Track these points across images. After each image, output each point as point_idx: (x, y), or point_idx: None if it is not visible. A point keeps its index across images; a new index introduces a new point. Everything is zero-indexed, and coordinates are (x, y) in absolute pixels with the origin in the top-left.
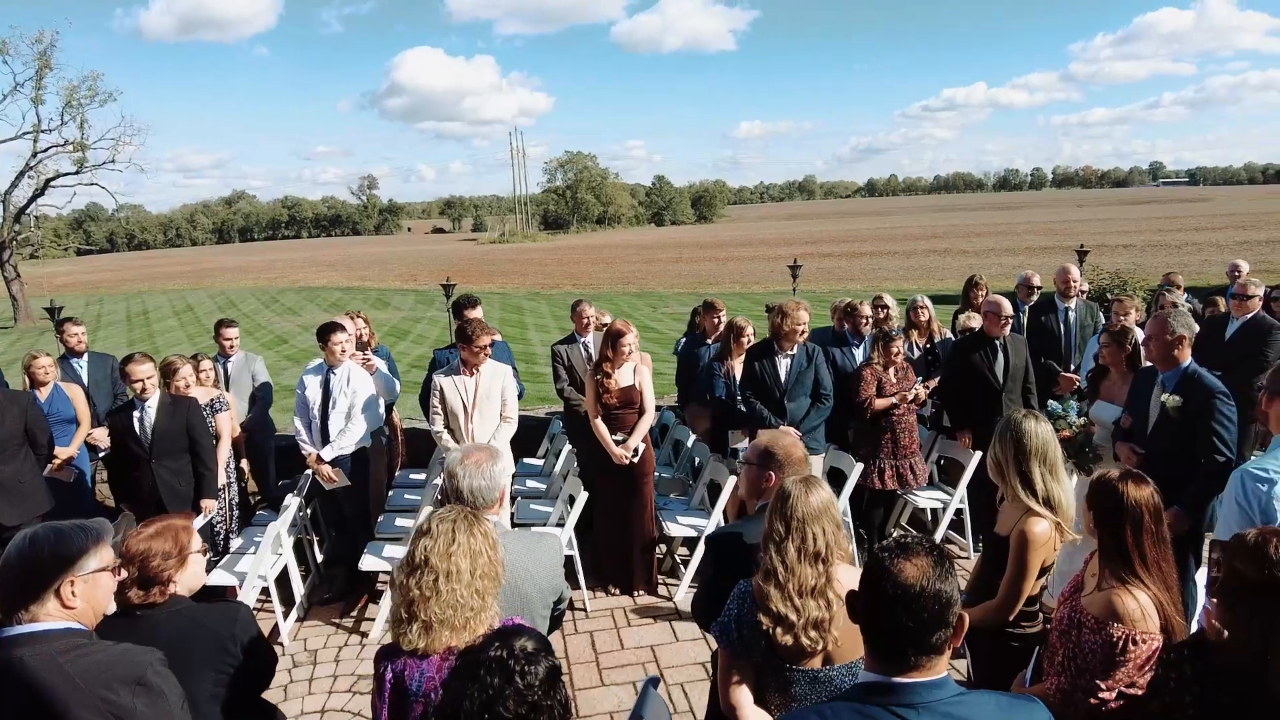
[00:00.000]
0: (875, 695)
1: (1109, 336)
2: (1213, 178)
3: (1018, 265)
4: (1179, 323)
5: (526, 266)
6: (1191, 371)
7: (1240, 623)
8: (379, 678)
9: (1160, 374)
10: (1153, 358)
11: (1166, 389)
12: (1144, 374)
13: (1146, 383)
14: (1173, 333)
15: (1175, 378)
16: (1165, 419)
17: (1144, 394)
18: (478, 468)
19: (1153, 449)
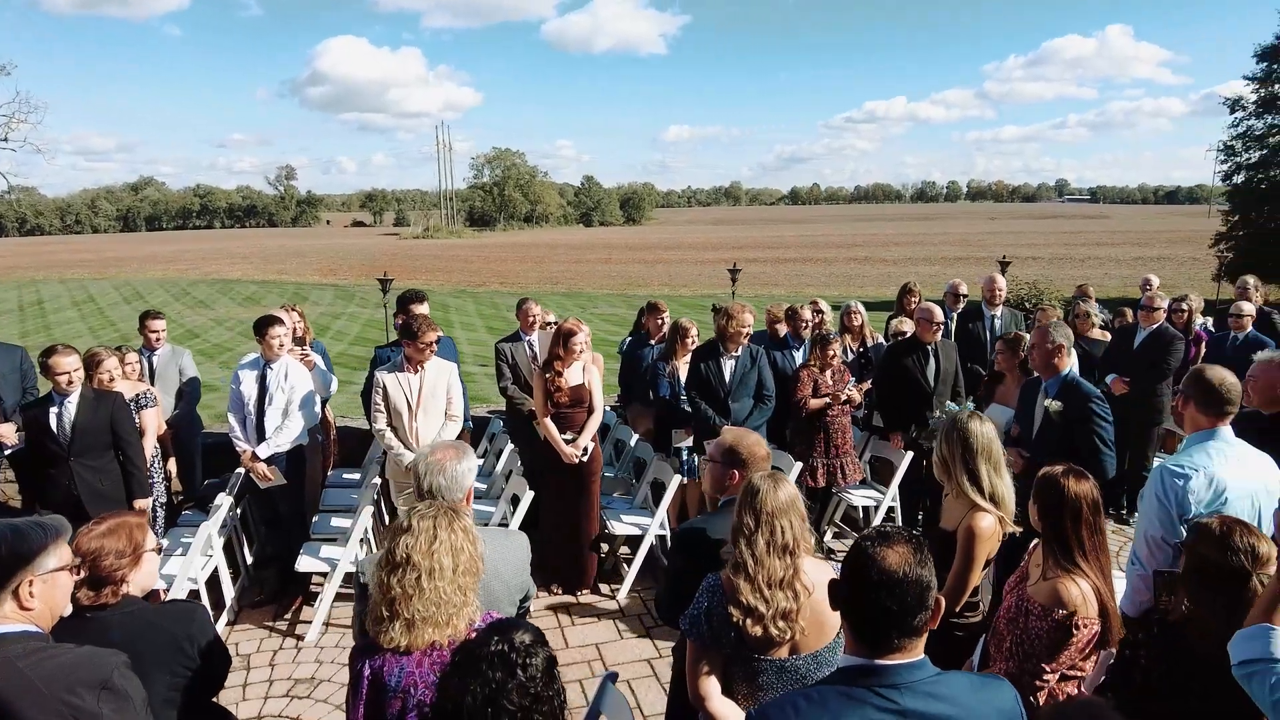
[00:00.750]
0: (860, 678)
1: (1004, 344)
2: (1112, 196)
3: (934, 274)
4: (1058, 333)
5: (452, 263)
6: (1070, 379)
7: (1204, 606)
8: (356, 675)
9: (1043, 381)
10: (1035, 365)
11: (1049, 395)
12: (1031, 383)
13: (1033, 390)
14: (1053, 342)
15: (1056, 384)
16: (1048, 423)
17: (1030, 401)
18: (440, 465)
19: (1037, 452)
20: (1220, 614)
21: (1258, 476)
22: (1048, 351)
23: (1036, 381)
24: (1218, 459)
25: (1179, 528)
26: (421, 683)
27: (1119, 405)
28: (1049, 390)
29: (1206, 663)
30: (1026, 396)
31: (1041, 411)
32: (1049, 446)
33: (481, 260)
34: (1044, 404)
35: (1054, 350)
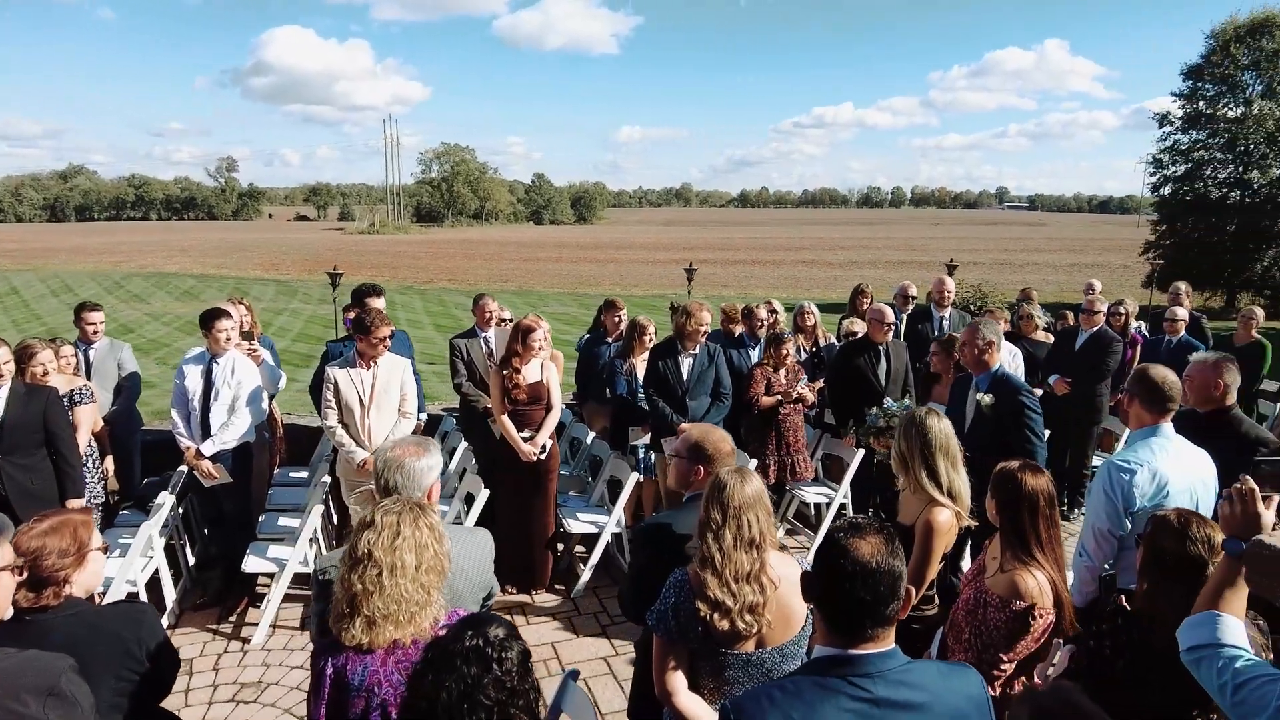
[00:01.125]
0: (834, 668)
1: (938, 345)
2: (1049, 204)
3: (879, 278)
4: (988, 330)
5: (399, 259)
6: (1001, 374)
7: (1163, 596)
8: (318, 674)
9: (975, 377)
10: (967, 363)
11: (980, 390)
12: (962, 379)
13: (964, 386)
14: (984, 339)
15: (987, 380)
16: (980, 417)
17: (962, 396)
18: (398, 462)
19: (970, 446)
20: (1179, 603)
21: (1195, 471)
22: (979, 349)
23: (967, 378)
24: (1160, 454)
25: (1124, 520)
26: (386, 682)
27: (1060, 405)
28: (980, 385)
29: (1165, 654)
30: (957, 392)
31: (973, 406)
32: (981, 441)
33: (429, 257)
34: (976, 399)
35: (985, 347)
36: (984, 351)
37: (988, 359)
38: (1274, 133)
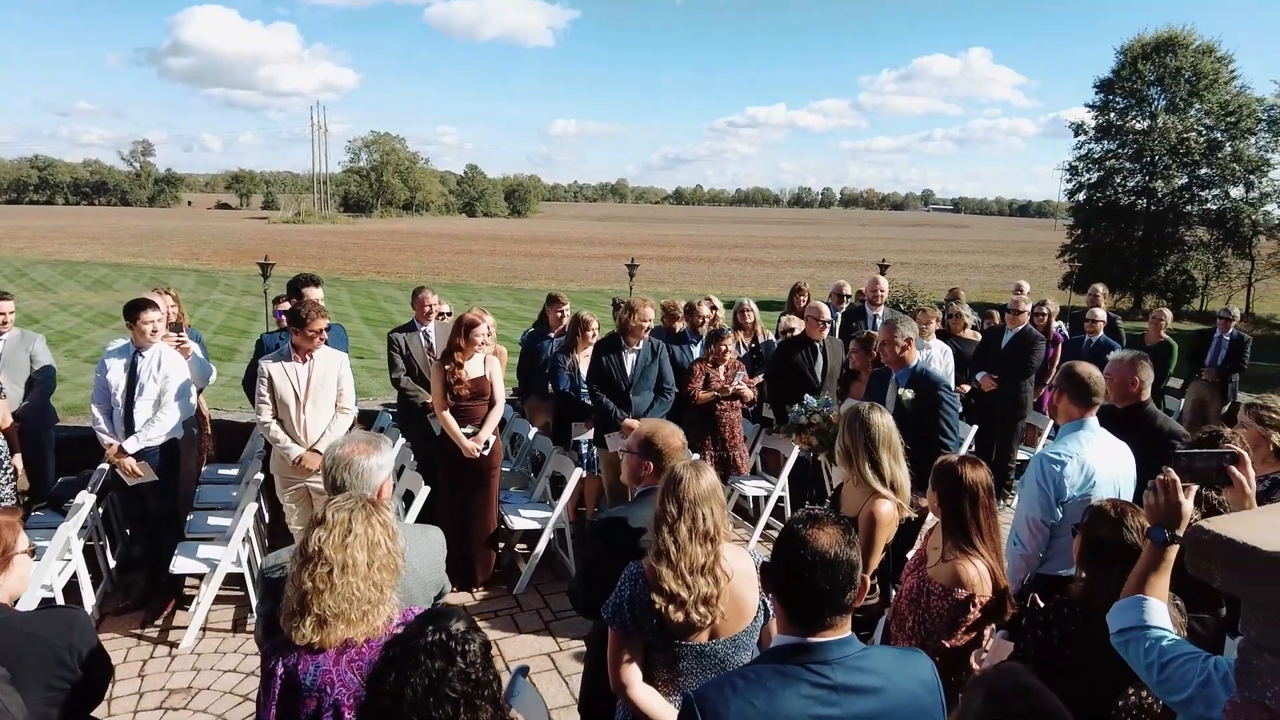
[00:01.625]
0: (794, 655)
1: (857, 343)
2: (972, 208)
3: (810, 276)
4: (905, 328)
5: (326, 250)
6: (920, 369)
7: (1101, 584)
8: (268, 674)
9: (894, 373)
10: (887, 361)
11: (900, 385)
12: (879, 374)
13: (882, 381)
14: (903, 337)
15: (906, 375)
16: (901, 411)
17: (881, 390)
18: (346, 460)
19: None
20: (1115, 590)
21: (1118, 463)
22: (899, 346)
23: (885, 373)
24: (1088, 446)
25: (1056, 510)
26: (338, 681)
27: (987, 400)
28: (900, 381)
29: (1103, 640)
30: (875, 387)
31: (893, 401)
32: (901, 432)
33: (357, 248)
34: (897, 394)
35: (904, 345)
36: (903, 349)
37: (906, 356)
38: (1175, 146)
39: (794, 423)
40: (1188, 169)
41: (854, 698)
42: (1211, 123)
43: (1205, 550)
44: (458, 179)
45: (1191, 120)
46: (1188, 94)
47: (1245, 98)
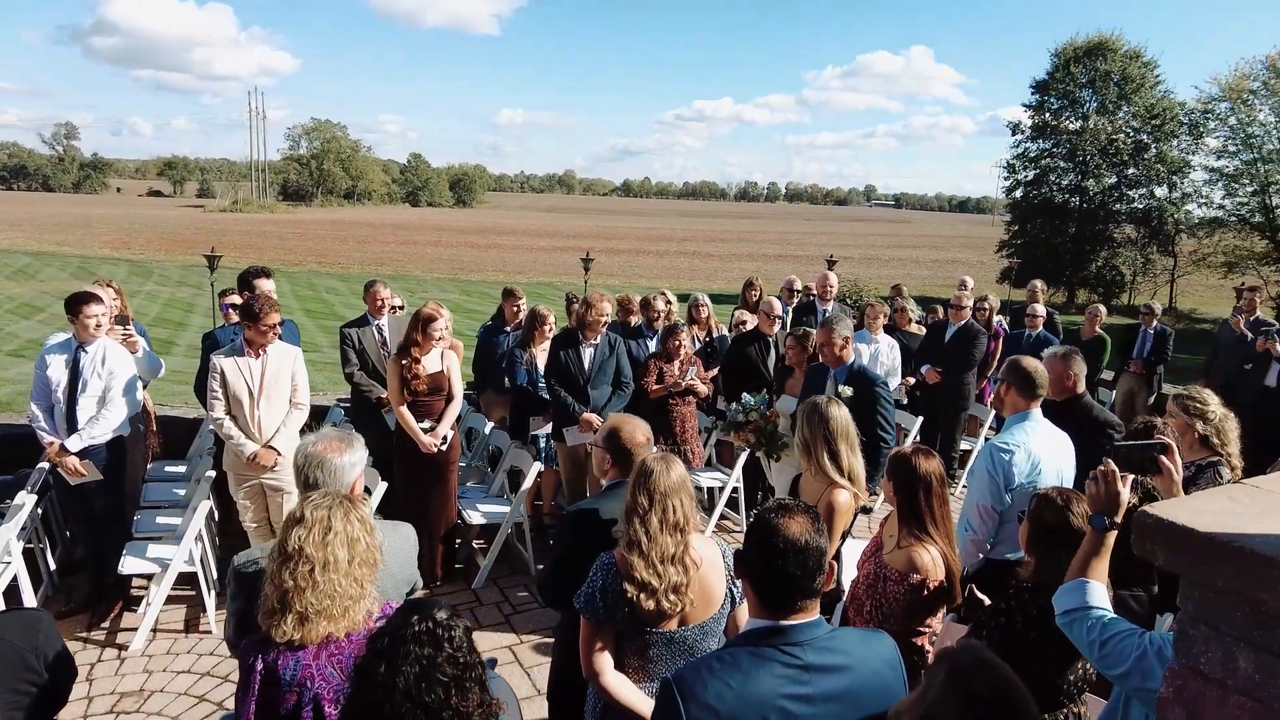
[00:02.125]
0: (767, 638)
1: (793, 339)
2: (913, 203)
3: (756, 270)
4: (842, 327)
5: (265, 240)
6: (858, 367)
7: (1049, 568)
8: (247, 669)
9: (831, 370)
10: (826, 359)
11: (839, 382)
12: (815, 370)
13: (819, 377)
14: (841, 336)
15: (845, 372)
16: None
17: (819, 386)
18: (319, 458)
19: None
20: (1062, 572)
21: (1061, 452)
22: (837, 345)
23: (822, 369)
24: (1033, 436)
25: (1005, 496)
26: (319, 676)
27: (931, 392)
28: (839, 378)
29: (1050, 625)
30: (813, 384)
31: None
32: None
33: (298, 238)
34: (836, 391)
35: (843, 343)
36: (842, 348)
37: (844, 354)
38: (1106, 146)
39: (732, 420)
40: (1117, 169)
41: (824, 676)
42: (1138, 125)
43: (1149, 533)
44: (401, 168)
45: (1120, 122)
46: (1117, 97)
47: (1168, 102)
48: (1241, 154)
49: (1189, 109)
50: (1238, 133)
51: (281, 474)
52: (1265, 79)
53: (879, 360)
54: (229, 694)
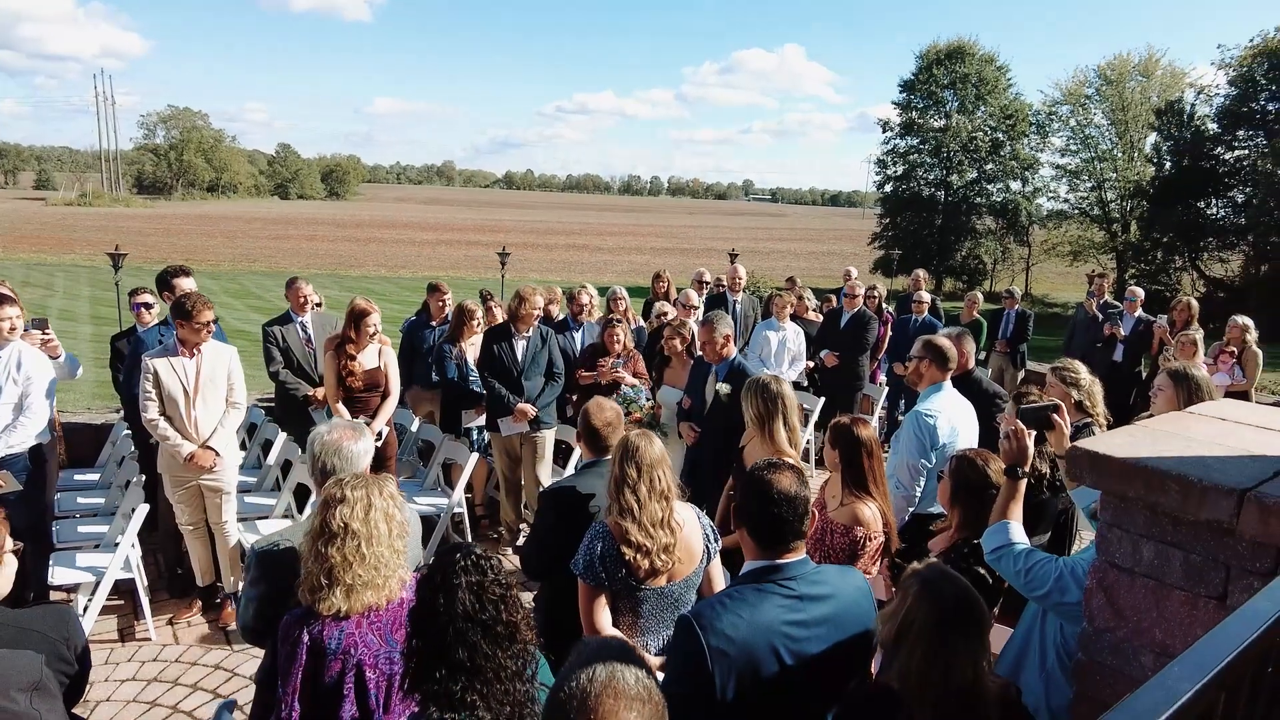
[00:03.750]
0: (766, 575)
1: (671, 330)
2: (789, 197)
3: (644, 263)
4: (723, 325)
5: (122, 236)
6: (737, 363)
7: (971, 523)
8: (294, 642)
9: (713, 366)
10: (708, 356)
11: (719, 378)
12: (697, 366)
13: (701, 372)
14: (722, 334)
15: (725, 369)
16: (718, 402)
17: (700, 382)
18: (336, 446)
19: (707, 426)
20: (983, 520)
21: (968, 416)
22: (718, 342)
23: (704, 364)
24: (947, 403)
25: (931, 454)
26: (361, 643)
27: (830, 375)
28: (719, 374)
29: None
30: (696, 377)
31: (712, 393)
32: (716, 422)
33: (160, 233)
34: (715, 387)
35: (724, 341)
36: (722, 345)
37: (724, 351)
38: (967, 143)
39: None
40: (977, 164)
41: (815, 604)
42: (994, 124)
43: (1079, 462)
44: (269, 159)
45: (979, 121)
46: (975, 98)
47: (1019, 104)
48: (1081, 153)
49: (1036, 110)
50: (1077, 133)
51: (221, 474)
52: (1097, 86)
53: (786, 346)
54: (183, 697)
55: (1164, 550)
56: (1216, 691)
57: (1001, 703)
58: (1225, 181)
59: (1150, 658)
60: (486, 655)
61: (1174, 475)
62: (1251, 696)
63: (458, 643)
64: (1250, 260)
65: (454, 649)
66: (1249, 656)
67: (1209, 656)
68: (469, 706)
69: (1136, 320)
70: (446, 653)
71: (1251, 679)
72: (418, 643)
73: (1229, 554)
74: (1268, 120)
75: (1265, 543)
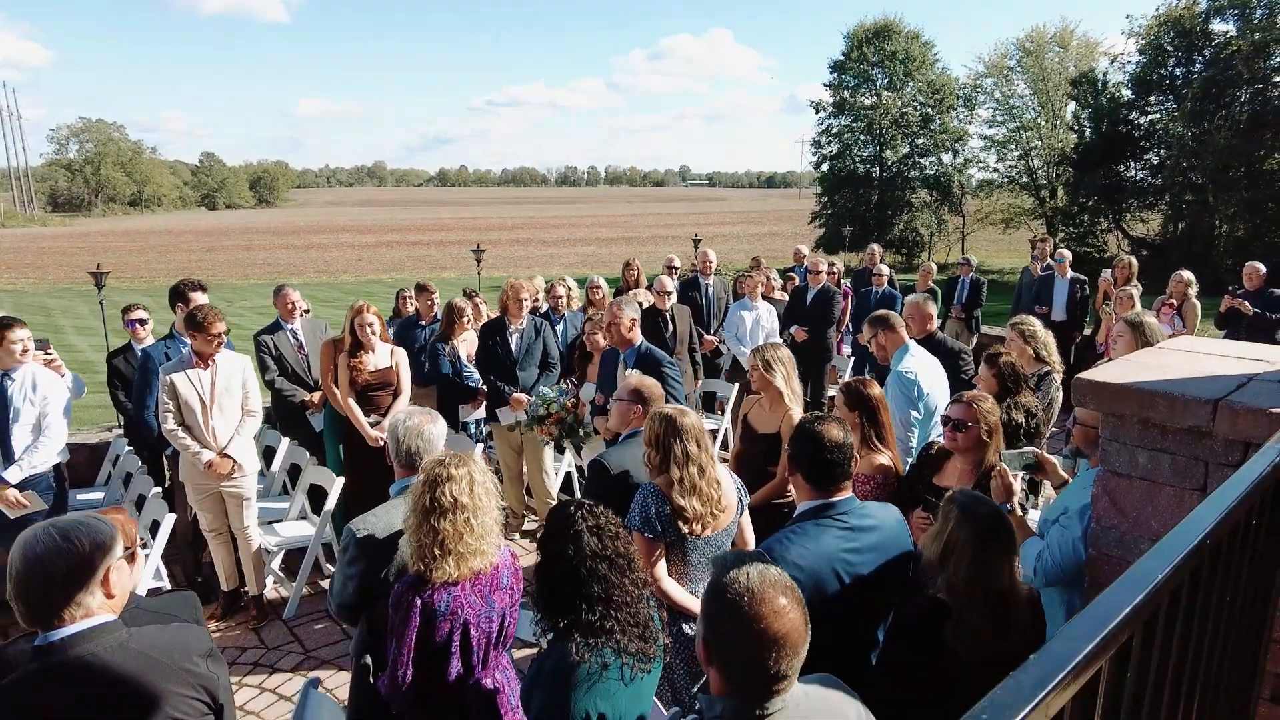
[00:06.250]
0: (822, 512)
1: (593, 324)
2: (725, 181)
3: (590, 255)
4: (630, 309)
5: (43, 256)
6: (644, 349)
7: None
8: (407, 606)
9: (621, 353)
10: (614, 342)
11: (629, 365)
12: (608, 354)
13: (611, 362)
14: (629, 319)
15: (633, 355)
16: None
17: (611, 369)
18: (418, 430)
19: None
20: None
21: (938, 371)
22: (624, 327)
23: (614, 351)
24: (920, 361)
25: (919, 405)
26: (467, 605)
27: (800, 349)
28: (628, 361)
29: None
30: (606, 367)
31: (623, 378)
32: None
33: (84, 252)
34: (626, 375)
35: (630, 326)
36: (629, 329)
37: (631, 336)
38: (898, 119)
39: (533, 415)
40: (909, 139)
41: (865, 534)
42: (923, 99)
43: (1082, 389)
44: (192, 169)
45: (908, 97)
46: (903, 74)
47: (946, 78)
48: (1007, 123)
49: (962, 84)
50: (1002, 104)
51: (241, 480)
52: (1018, 58)
53: (760, 324)
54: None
55: (1155, 455)
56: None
57: (1030, 602)
58: (1141, 145)
59: (1148, 544)
60: (615, 585)
61: (1161, 393)
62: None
63: (591, 578)
64: (1168, 219)
65: (589, 584)
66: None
67: (1183, 537)
68: (607, 631)
69: (1071, 280)
70: (583, 588)
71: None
72: (550, 589)
73: (1207, 452)
74: (1176, 85)
75: (1235, 439)
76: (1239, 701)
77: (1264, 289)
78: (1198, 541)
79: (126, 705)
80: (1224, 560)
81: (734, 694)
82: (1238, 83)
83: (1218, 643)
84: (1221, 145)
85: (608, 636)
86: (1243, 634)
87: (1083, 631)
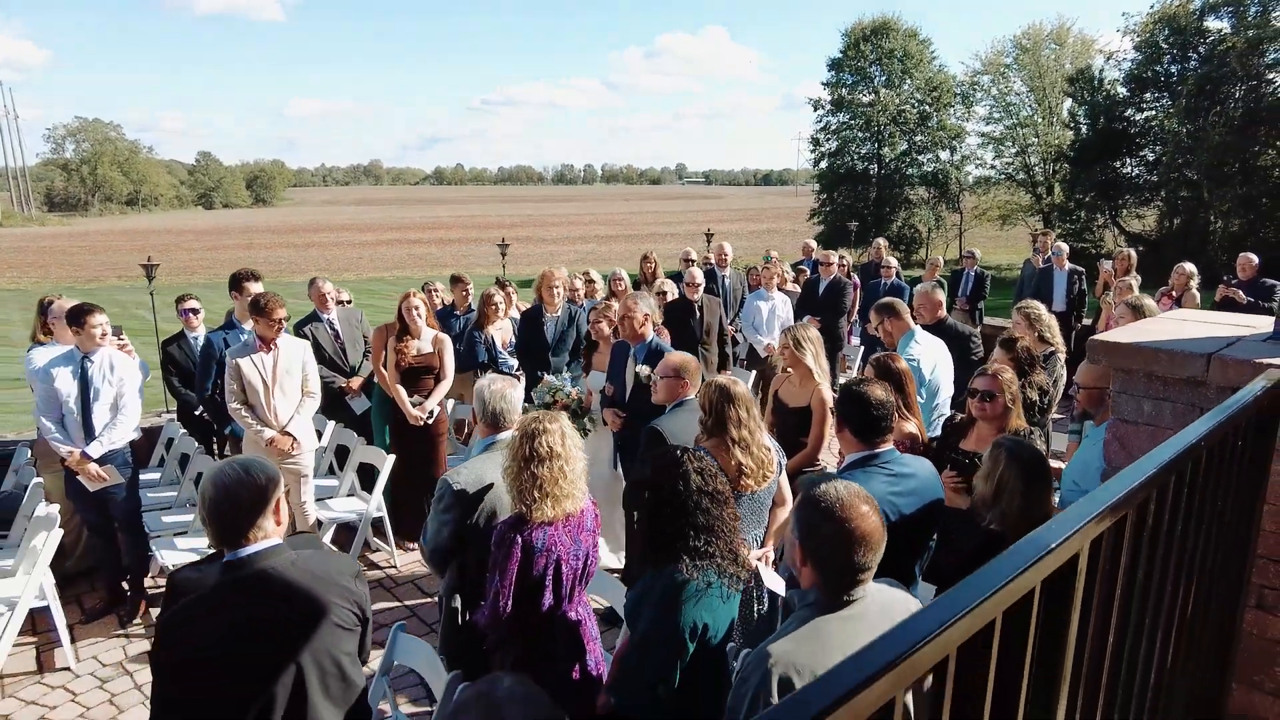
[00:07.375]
0: (868, 461)
1: (597, 313)
2: (722, 179)
3: (590, 252)
4: (643, 305)
5: (45, 257)
6: (654, 345)
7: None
8: (509, 543)
9: (632, 347)
10: (626, 336)
11: (638, 360)
12: (618, 347)
13: (621, 355)
14: (643, 314)
15: (643, 350)
16: (639, 384)
17: (621, 363)
18: (501, 394)
19: (631, 409)
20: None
21: (941, 352)
22: (636, 322)
23: (624, 346)
24: (924, 346)
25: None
26: (559, 543)
27: None
28: (638, 356)
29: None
30: (616, 359)
31: (633, 376)
32: (638, 405)
33: (85, 251)
34: (635, 370)
35: (643, 321)
36: (641, 325)
37: (643, 331)
38: (895, 116)
39: (540, 403)
40: (907, 136)
41: (906, 480)
42: (921, 97)
43: (1096, 348)
44: (189, 168)
45: (906, 94)
46: (901, 72)
47: (943, 76)
48: (1004, 120)
49: (959, 82)
50: (999, 101)
51: (300, 458)
52: (1015, 55)
53: (776, 313)
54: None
55: (1158, 404)
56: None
57: None
58: (1137, 142)
59: None
60: (715, 516)
61: (1163, 350)
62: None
63: (697, 510)
64: (1164, 214)
65: (695, 515)
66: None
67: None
68: (709, 555)
69: (1069, 272)
70: (691, 519)
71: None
72: (660, 521)
73: (1202, 399)
74: (1171, 82)
75: (1225, 386)
76: (1227, 611)
77: (1256, 279)
78: (1190, 445)
79: (301, 610)
80: (1214, 470)
81: (825, 584)
82: (1232, 79)
83: (1209, 548)
84: (1216, 141)
85: (710, 560)
86: (1229, 550)
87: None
